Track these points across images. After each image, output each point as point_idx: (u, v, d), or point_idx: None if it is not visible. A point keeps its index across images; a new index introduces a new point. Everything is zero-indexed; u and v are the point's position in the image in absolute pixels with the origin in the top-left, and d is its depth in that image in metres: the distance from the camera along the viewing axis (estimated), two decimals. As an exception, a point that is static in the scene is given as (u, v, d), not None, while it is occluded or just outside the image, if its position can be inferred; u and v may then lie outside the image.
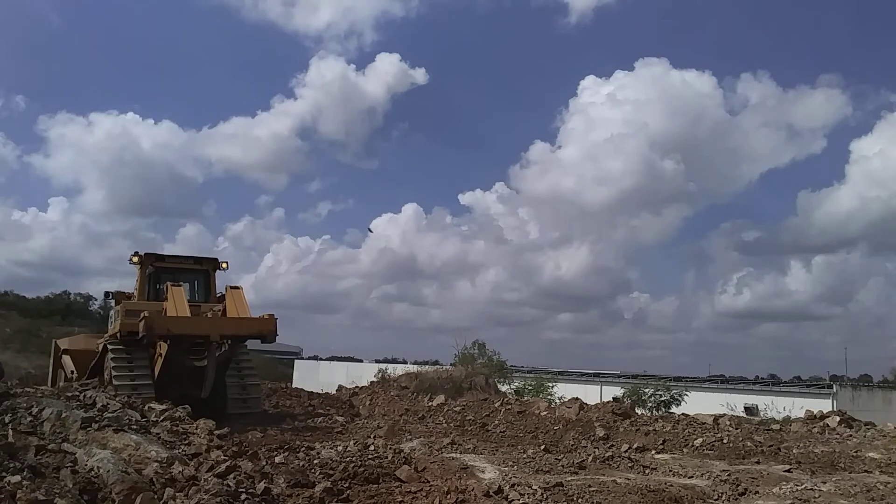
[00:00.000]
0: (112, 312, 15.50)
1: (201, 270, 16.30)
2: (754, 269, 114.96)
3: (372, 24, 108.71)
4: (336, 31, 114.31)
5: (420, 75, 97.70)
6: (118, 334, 14.24)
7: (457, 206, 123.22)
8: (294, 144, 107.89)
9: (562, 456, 9.80)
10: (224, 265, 16.62)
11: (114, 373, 13.72)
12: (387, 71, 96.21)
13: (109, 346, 14.41)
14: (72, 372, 16.68)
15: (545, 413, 15.31)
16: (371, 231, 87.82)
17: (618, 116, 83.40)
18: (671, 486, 7.47)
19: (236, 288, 14.80)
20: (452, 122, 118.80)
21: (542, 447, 10.80)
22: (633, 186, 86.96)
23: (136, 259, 15.59)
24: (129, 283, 16.70)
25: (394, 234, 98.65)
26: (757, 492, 7.58)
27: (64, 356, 17.62)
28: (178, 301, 13.56)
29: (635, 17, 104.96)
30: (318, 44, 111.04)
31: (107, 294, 16.93)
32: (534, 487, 6.83)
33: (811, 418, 15.25)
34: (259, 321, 13.91)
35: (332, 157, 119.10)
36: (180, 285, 14.22)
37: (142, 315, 12.89)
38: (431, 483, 7.23)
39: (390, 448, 9.61)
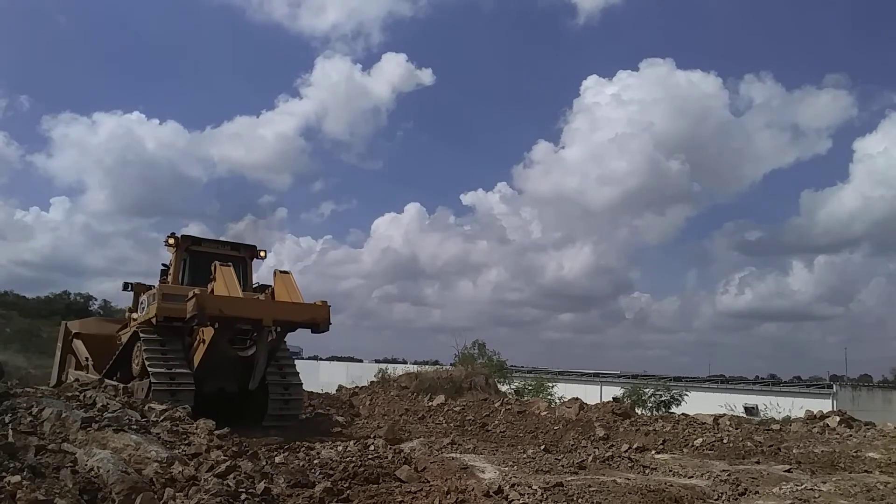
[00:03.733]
0: (144, 298, 14.37)
1: (238, 257, 14.91)
2: (756, 269, 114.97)
3: (380, 24, 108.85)
4: (342, 31, 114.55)
5: (426, 76, 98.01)
6: (154, 320, 13.14)
7: (460, 206, 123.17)
8: (298, 144, 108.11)
9: (562, 456, 9.79)
10: (262, 253, 15.49)
11: (148, 362, 12.53)
12: (393, 71, 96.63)
13: (142, 334, 13.26)
14: (86, 358, 15.90)
15: (545, 413, 15.32)
16: None
17: (621, 116, 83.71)
18: (671, 486, 7.46)
19: (286, 273, 13.66)
20: (457, 121, 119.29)
21: (542, 447, 10.80)
22: (637, 186, 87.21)
23: (171, 241, 14.50)
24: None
25: (396, 233, 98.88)
26: (757, 492, 7.58)
27: (76, 340, 16.83)
28: (228, 281, 12.42)
29: (641, 17, 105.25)
30: (325, 44, 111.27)
31: (126, 285, 15.83)
32: (534, 487, 6.83)
33: (811, 418, 15.26)
34: (313, 307, 12.78)
35: (336, 157, 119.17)
36: (229, 265, 13.04)
37: (191, 294, 11.75)
38: (431, 483, 7.23)
39: (390, 448, 9.60)
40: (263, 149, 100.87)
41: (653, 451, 10.76)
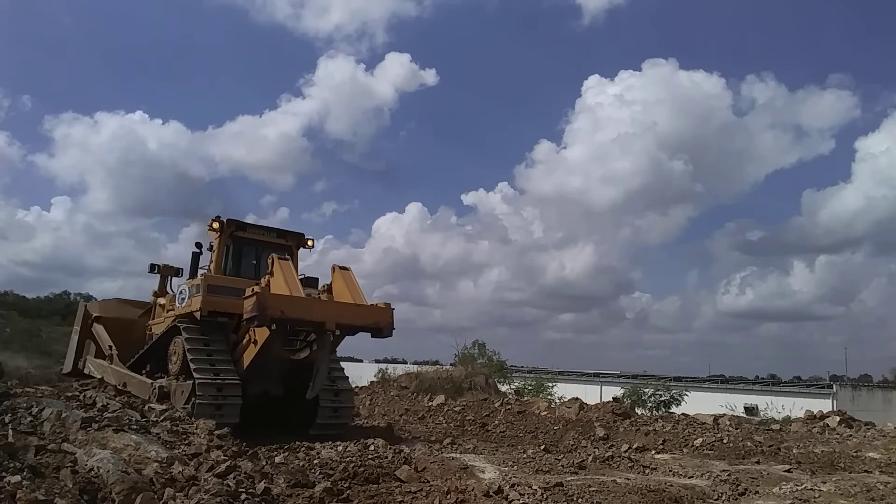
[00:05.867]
0: (184, 288, 13.11)
1: (285, 246, 13.65)
2: (757, 269, 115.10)
3: (383, 24, 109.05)
4: (346, 31, 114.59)
5: (430, 76, 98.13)
6: (197, 314, 12.10)
7: (462, 205, 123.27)
8: (300, 144, 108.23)
9: (562, 456, 9.79)
10: (310, 242, 14.25)
11: (192, 361, 11.51)
12: (396, 72, 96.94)
13: (183, 327, 12.19)
14: (110, 347, 14.87)
15: (545, 413, 15.32)
16: None
17: (624, 116, 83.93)
18: (671, 486, 7.46)
19: (345, 269, 12.46)
20: (459, 121, 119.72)
21: (542, 447, 10.81)
22: (640, 186, 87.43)
23: (216, 225, 13.25)
24: (130, 284, 16.20)
25: (397, 233, 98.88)
26: (757, 492, 7.58)
27: (96, 325, 15.76)
28: (288, 278, 11.39)
29: (644, 18, 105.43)
30: (329, 44, 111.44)
31: (152, 266, 14.87)
32: (534, 487, 6.83)
33: (811, 418, 15.27)
34: (377, 310, 11.71)
35: (338, 156, 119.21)
36: (287, 258, 12.12)
37: (251, 291, 10.77)
38: (431, 483, 7.23)
39: (390, 448, 9.60)
40: (266, 149, 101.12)
41: (653, 451, 10.77)
